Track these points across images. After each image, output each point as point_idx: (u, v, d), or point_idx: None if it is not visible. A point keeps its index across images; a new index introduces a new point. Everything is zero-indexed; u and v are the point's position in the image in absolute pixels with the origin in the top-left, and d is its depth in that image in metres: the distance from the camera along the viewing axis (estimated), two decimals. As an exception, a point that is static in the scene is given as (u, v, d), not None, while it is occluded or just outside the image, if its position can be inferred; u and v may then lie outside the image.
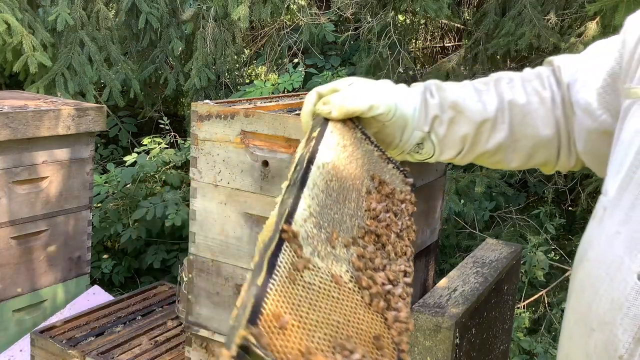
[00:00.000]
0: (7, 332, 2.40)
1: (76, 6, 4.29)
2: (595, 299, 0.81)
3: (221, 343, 1.63)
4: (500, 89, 1.05)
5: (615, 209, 0.83)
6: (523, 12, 3.82)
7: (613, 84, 0.98)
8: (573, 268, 0.92)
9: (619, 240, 0.80)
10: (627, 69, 0.94)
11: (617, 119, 0.94)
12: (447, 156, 1.06)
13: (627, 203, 0.82)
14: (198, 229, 1.61)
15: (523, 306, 3.46)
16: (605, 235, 0.83)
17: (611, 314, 0.78)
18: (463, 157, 1.06)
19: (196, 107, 1.57)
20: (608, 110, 0.97)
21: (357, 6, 4.67)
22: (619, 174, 0.85)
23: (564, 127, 1.04)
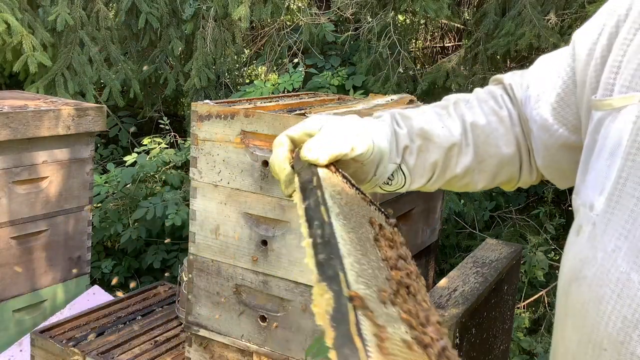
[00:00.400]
0: (7, 332, 2.40)
1: (76, 6, 4.29)
2: (604, 318, 0.79)
3: (221, 343, 1.63)
4: (460, 111, 1.05)
5: (608, 224, 0.82)
6: (523, 12, 3.82)
7: (567, 99, 1.00)
8: (562, 287, 0.89)
9: (621, 256, 0.79)
10: (583, 81, 0.96)
11: (575, 132, 0.97)
12: (418, 185, 1.05)
13: (623, 217, 0.80)
14: (198, 229, 1.61)
15: (523, 306, 3.46)
16: (602, 251, 0.81)
17: (624, 332, 0.77)
18: (433, 184, 1.05)
19: (196, 107, 1.57)
20: (564, 125, 0.99)
21: (357, 6, 4.67)
22: (605, 188, 0.84)
23: (524, 144, 1.06)
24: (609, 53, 0.92)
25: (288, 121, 1.45)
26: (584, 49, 0.97)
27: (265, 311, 1.55)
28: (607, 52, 0.92)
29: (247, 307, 1.58)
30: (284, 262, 1.51)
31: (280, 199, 1.49)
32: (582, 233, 0.86)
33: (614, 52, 0.91)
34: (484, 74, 4.27)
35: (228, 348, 1.62)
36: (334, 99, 1.95)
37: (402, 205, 1.61)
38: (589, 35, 0.97)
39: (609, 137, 0.87)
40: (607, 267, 0.80)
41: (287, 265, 1.51)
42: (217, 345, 1.64)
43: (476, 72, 4.28)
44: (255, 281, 1.56)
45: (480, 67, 4.30)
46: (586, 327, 0.82)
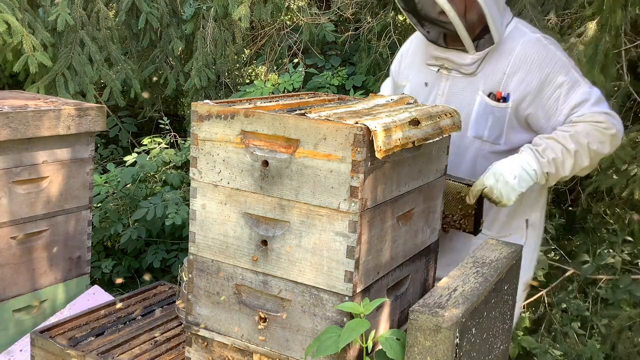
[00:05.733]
0: (7, 332, 2.40)
1: (76, 6, 4.29)
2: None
3: (221, 343, 1.63)
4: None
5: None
6: (523, 12, 3.82)
7: (395, 79, 2.48)
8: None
9: None
10: (399, 72, 2.43)
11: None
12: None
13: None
14: (198, 229, 1.62)
15: (523, 306, 3.46)
16: None
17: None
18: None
19: (196, 107, 1.57)
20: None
21: (357, 6, 4.67)
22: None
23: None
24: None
25: (288, 121, 1.46)
26: (402, 52, 2.49)
27: (265, 311, 1.56)
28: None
29: (247, 307, 1.58)
30: (284, 262, 1.51)
31: (280, 199, 1.49)
32: None
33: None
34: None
35: (228, 348, 1.63)
36: (334, 99, 1.95)
37: (402, 205, 1.62)
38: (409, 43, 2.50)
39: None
40: None
41: (287, 265, 1.51)
42: (217, 345, 1.64)
43: (476, 72, 4.28)
44: (255, 281, 1.56)
45: (480, 67, 4.29)
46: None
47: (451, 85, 2.20)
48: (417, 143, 1.53)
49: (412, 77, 2.34)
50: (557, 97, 2.07)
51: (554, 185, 4.14)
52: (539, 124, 2.11)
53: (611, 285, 3.43)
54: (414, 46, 2.39)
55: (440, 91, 2.22)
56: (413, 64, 2.36)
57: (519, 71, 2.10)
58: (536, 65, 2.09)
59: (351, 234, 1.42)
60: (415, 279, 1.80)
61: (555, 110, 2.08)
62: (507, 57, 2.11)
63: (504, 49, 2.12)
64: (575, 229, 4.21)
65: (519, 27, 2.17)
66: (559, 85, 2.07)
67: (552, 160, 2.00)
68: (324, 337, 1.42)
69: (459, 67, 2.17)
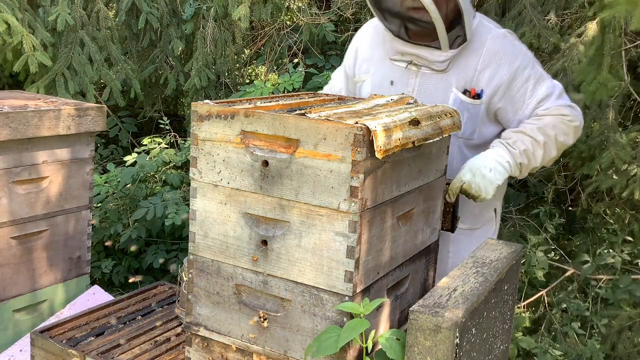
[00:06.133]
0: (7, 332, 2.40)
1: (76, 6, 4.29)
2: None
3: (221, 343, 1.63)
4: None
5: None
6: (523, 12, 3.82)
7: (349, 74, 2.41)
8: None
9: None
10: (355, 66, 2.38)
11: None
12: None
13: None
14: (198, 228, 1.62)
15: (523, 306, 3.46)
16: None
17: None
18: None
19: (196, 107, 1.57)
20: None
21: (357, 6, 4.67)
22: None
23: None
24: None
25: (288, 121, 1.46)
26: (355, 46, 2.43)
27: (265, 311, 1.56)
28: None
29: (247, 307, 1.58)
30: (284, 262, 1.51)
31: (280, 199, 1.49)
32: None
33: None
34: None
35: (228, 348, 1.63)
36: (334, 98, 1.95)
37: (402, 205, 1.62)
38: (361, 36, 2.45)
39: (362, 93, 2.37)
40: None
41: (287, 265, 1.51)
42: (217, 345, 1.64)
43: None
44: (255, 281, 1.56)
45: (480, 67, 4.29)
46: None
47: (422, 82, 2.19)
48: (417, 143, 1.53)
49: (374, 72, 2.29)
50: (524, 91, 2.14)
51: (554, 186, 4.15)
52: (507, 117, 2.18)
53: (611, 285, 3.43)
54: (372, 39, 2.32)
55: (410, 88, 2.20)
56: (373, 58, 2.30)
57: (489, 66, 2.14)
58: (506, 60, 2.13)
59: (351, 234, 1.42)
60: (415, 279, 1.80)
61: (523, 103, 2.15)
62: (476, 53, 2.14)
63: (473, 45, 2.14)
64: (575, 229, 4.21)
65: (483, 22, 2.20)
66: (526, 79, 2.14)
67: (524, 151, 2.08)
68: (323, 337, 1.42)
69: (431, 63, 2.15)
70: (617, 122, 3.41)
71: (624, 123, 3.79)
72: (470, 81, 2.15)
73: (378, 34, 2.28)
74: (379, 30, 2.26)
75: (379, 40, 2.27)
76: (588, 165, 3.42)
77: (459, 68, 2.15)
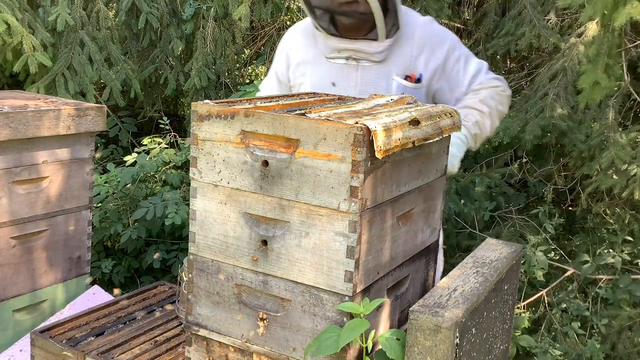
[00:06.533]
0: (7, 332, 2.40)
1: (76, 6, 4.29)
2: None
3: (221, 343, 1.64)
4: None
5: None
6: (523, 12, 3.82)
7: (282, 81, 2.42)
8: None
9: None
10: (289, 71, 2.37)
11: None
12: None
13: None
14: (198, 228, 1.62)
15: (523, 306, 3.46)
16: None
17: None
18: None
19: (196, 107, 1.57)
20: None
21: (357, 6, 4.65)
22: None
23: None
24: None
25: (288, 121, 1.46)
26: (286, 50, 2.45)
27: (265, 311, 1.56)
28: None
29: (247, 307, 1.58)
30: (284, 262, 1.51)
31: (280, 199, 1.49)
32: None
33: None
34: (483, 74, 4.26)
35: (228, 348, 1.63)
36: (334, 98, 1.95)
37: (402, 205, 1.62)
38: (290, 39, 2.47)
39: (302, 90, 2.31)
40: None
41: (287, 265, 1.51)
42: (217, 345, 1.64)
43: (476, 72, 4.27)
44: (255, 281, 1.56)
45: (480, 67, 4.29)
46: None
47: (363, 74, 2.24)
48: (417, 143, 1.53)
49: (311, 73, 2.32)
50: (457, 70, 2.28)
51: (554, 186, 4.14)
52: (445, 97, 2.31)
53: (611, 285, 3.43)
54: (302, 42, 2.36)
55: (353, 82, 2.25)
56: (307, 60, 2.34)
57: (424, 51, 2.25)
58: (437, 44, 2.26)
59: (351, 234, 1.42)
60: (415, 279, 1.80)
61: (458, 82, 2.29)
62: (410, 40, 2.24)
63: (404, 33, 2.23)
64: (575, 229, 4.21)
65: (407, 11, 2.30)
66: (457, 59, 2.28)
67: (475, 123, 2.21)
68: (323, 337, 1.42)
69: (369, 55, 2.21)
70: (617, 122, 3.41)
71: (624, 123, 3.79)
72: (409, 67, 2.24)
73: (308, 36, 2.33)
74: (309, 32, 2.31)
75: (310, 42, 2.32)
76: (588, 165, 3.42)
77: (396, 56, 2.23)
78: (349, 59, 2.23)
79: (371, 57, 2.21)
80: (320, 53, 2.28)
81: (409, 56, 2.24)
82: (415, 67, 2.24)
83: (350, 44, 2.20)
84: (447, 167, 2.04)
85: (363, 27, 2.16)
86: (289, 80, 2.40)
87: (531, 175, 4.26)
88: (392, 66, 2.24)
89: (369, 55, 2.20)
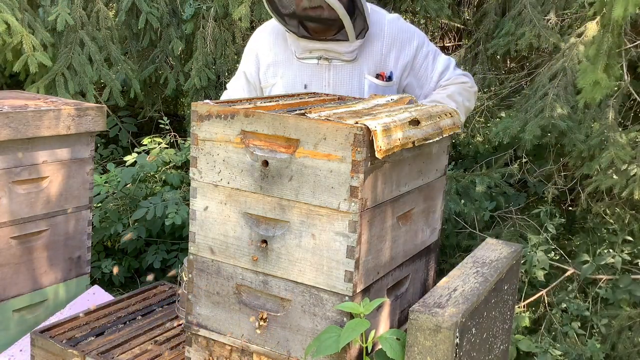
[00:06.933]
0: (7, 331, 2.40)
1: (76, 6, 4.29)
2: None
3: (221, 343, 1.64)
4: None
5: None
6: (523, 12, 3.82)
7: (251, 81, 2.40)
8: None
9: None
10: (260, 72, 2.36)
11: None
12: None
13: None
14: (198, 228, 1.62)
15: (523, 306, 3.46)
16: None
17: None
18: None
19: (196, 107, 1.57)
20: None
21: (357, 6, 4.66)
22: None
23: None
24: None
25: (288, 121, 1.46)
26: (256, 50, 2.42)
27: (265, 311, 1.56)
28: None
29: (247, 307, 1.58)
30: (284, 262, 1.51)
31: (280, 199, 1.49)
32: None
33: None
34: (484, 74, 4.27)
35: (228, 348, 1.63)
36: (334, 98, 1.95)
37: (402, 205, 1.62)
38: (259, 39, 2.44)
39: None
40: None
41: (287, 265, 1.51)
42: (217, 345, 1.64)
43: (476, 72, 4.29)
44: (255, 281, 1.56)
45: (480, 66, 4.30)
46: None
47: (335, 74, 2.26)
48: (417, 143, 1.53)
49: (283, 74, 2.31)
50: (426, 66, 2.32)
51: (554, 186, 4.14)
52: (414, 93, 2.33)
53: (611, 285, 3.43)
54: (271, 43, 2.35)
55: (325, 82, 2.26)
56: (278, 61, 2.33)
57: (393, 49, 2.27)
58: (406, 41, 2.29)
59: (351, 234, 1.42)
60: (415, 279, 1.80)
61: (427, 78, 2.32)
62: (379, 38, 2.26)
63: (373, 31, 2.25)
64: (575, 229, 4.21)
65: (374, 9, 2.31)
66: (425, 55, 2.31)
67: None
68: (323, 337, 1.42)
69: (340, 55, 2.22)
70: (617, 122, 3.41)
71: (624, 123, 3.79)
72: (380, 65, 2.26)
73: (277, 36, 2.33)
74: (278, 32, 2.31)
75: (280, 42, 2.32)
76: (588, 165, 3.42)
77: (366, 55, 2.25)
78: (320, 59, 2.24)
79: (343, 57, 2.22)
80: (291, 54, 2.28)
81: (379, 54, 2.26)
82: (385, 65, 2.27)
83: (321, 44, 2.21)
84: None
85: (332, 28, 2.17)
86: (260, 81, 2.39)
87: (531, 175, 4.26)
88: (363, 65, 2.25)
89: (340, 54, 2.22)
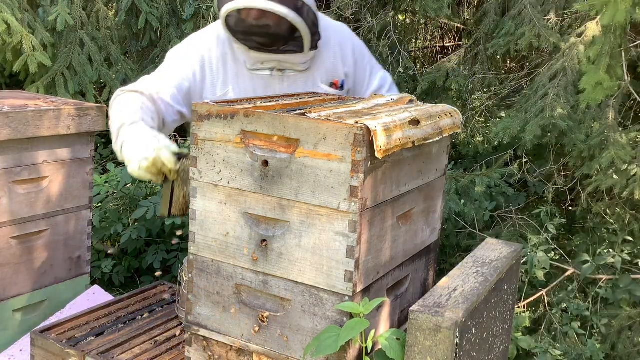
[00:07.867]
0: (7, 332, 2.40)
1: (76, 6, 4.29)
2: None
3: (221, 343, 1.64)
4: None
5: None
6: (523, 12, 3.82)
7: (186, 87, 2.24)
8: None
9: None
10: (206, 79, 2.26)
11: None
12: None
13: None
14: (198, 228, 1.62)
15: (523, 306, 3.46)
16: None
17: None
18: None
19: (196, 107, 1.57)
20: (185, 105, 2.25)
21: (357, 6, 4.67)
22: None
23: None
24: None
25: (288, 121, 1.46)
26: (199, 60, 2.29)
27: (265, 311, 1.56)
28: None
29: (247, 307, 1.58)
30: (284, 261, 1.51)
31: (280, 199, 1.49)
32: None
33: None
34: (484, 74, 4.27)
35: (228, 348, 1.63)
36: (334, 98, 1.95)
37: (402, 205, 1.62)
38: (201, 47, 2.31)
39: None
40: None
41: (287, 265, 1.51)
42: (217, 345, 1.64)
43: (476, 72, 4.29)
44: (255, 281, 1.56)
45: (480, 67, 4.31)
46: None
47: (289, 84, 2.23)
48: (417, 143, 1.53)
49: (234, 86, 2.24)
50: (362, 80, 2.33)
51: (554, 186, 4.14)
52: None
53: (611, 285, 3.43)
54: (219, 53, 2.24)
55: (279, 93, 2.20)
56: (228, 72, 2.24)
57: (340, 58, 2.29)
58: (350, 51, 2.30)
59: (351, 233, 1.42)
60: (415, 279, 1.80)
61: (361, 93, 2.33)
62: (328, 47, 2.26)
63: (323, 41, 2.22)
64: (575, 229, 4.21)
65: (321, 16, 2.27)
66: (364, 69, 2.33)
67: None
68: (323, 337, 1.42)
69: (294, 65, 2.20)
70: (617, 122, 3.41)
71: (624, 123, 3.79)
72: (331, 73, 2.27)
73: (225, 46, 2.24)
74: (225, 41, 2.23)
75: (228, 52, 2.24)
76: (588, 165, 3.42)
77: (318, 64, 2.25)
78: (273, 70, 2.20)
79: (296, 67, 2.20)
80: (242, 66, 2.22)
81: (330, 63, 2.26)
82: (336, 73, 2.28)
83: (275, 56, 2.16)
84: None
85: (280, 40, 2.11)
86: (202, 90, 2.26)
87: (531, 175, 4.25)
88: (316, 74, 2.24)
89: (294, 65, 2.19)
